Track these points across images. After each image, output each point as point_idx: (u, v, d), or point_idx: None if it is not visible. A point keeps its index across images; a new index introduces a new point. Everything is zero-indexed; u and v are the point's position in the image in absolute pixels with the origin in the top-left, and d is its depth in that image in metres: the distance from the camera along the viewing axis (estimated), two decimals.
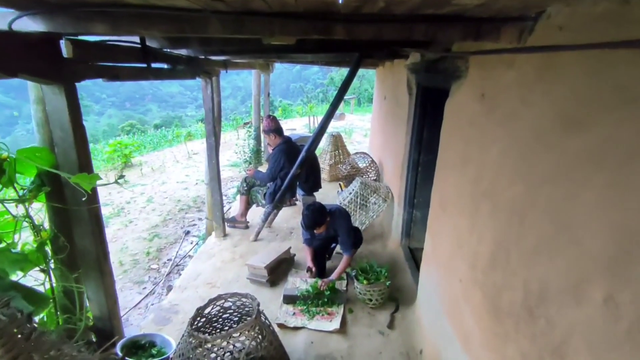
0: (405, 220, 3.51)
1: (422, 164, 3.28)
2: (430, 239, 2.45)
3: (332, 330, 2.53)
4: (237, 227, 4.21)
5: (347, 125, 12.73)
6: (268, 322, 2.08)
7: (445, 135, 2.23)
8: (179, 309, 2.88)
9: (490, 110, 1.63)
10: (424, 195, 3.33)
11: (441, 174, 2.29)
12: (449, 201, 2.11)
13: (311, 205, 2.84)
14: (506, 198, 1.46)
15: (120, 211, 6.03)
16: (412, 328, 2.57)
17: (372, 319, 2.68)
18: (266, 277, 3.08)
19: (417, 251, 3.50)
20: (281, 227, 4.32)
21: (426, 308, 2.47)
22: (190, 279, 3.30)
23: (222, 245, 3.89)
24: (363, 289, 2.74)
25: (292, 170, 3.66)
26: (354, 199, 3.90)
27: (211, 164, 3.76)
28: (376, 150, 5.74)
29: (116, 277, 4.34)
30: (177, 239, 5.28)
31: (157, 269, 4.55)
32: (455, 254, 1.98)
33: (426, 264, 2.52)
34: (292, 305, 2.82)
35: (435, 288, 2.27)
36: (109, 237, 5.19)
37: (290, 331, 2.56)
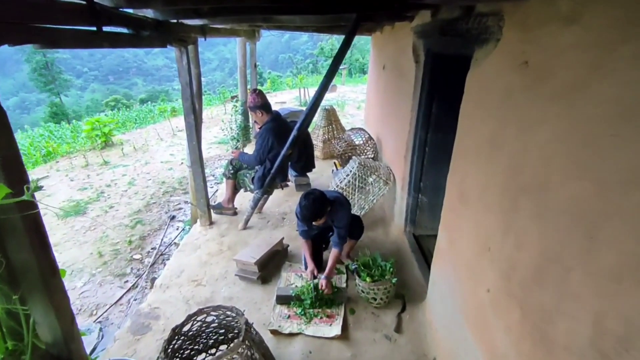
0: (409, 206, 3.18)
1: (430, 144, 2.91)
2: (445, 234, 2.12)
3: (332, 337, 2.24)
4: (225, 214, 3.85)
5: (339, 97, 12.19)
6: (258, 339, 1.77)
7: (467, 114, 1.85)
8: (159, 313, 2.55)
9: (537, 82, 1.25)
10: (432, 179, 2.99)
11: (461, 160, 1.93)
12: (471, 193, 1.76)
13: (310, 194, 2.47)
14: (563, 198, 1.10)
15: (100, 195, 5.61)
16: (422, 332, 2.28)
17: (376, 321, 2.39)
18: (257, 273, 2.76)
19: (423, 239, 3.20)
20: (272, 212, 3.97)
21: (440, 311, 2.18)
22: (173, 275, 2.97)
23: (207, 235, 3.54)
24: (366, 287, 2.44)
25: (283, 151, 3.27)
26: (351, 182, 3.54)
27: (192, 146, 3.34)
28: (373, 125, 5.33)
29: (95, 270, 4.03)
30: (162, 225, 4.92)
31: (141, 260, 4.21)
32: (480, 257, 1.65)
33: (440, 261, 2.20)
34: (287, 307, 2.51)
35: (452, 291, 1.96)
36: (87, 225, 4.83)
37: (284, 338, 2.27)
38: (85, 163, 6.86)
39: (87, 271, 3.94)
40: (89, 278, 3.86)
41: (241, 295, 2.68)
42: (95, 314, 3.44)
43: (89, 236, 4.55)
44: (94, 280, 3.84)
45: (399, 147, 3.39)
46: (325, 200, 2.48)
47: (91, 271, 3.95)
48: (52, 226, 4.76)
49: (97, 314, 3.45)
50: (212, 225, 3.69)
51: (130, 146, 7.84)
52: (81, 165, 6.82)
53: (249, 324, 1.74)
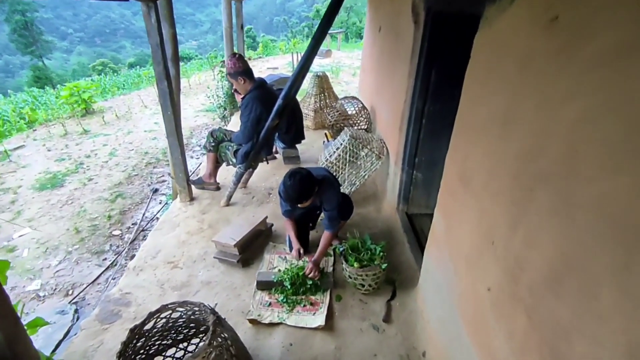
0: (403, 182, 2.95)
1: (428, 115, 2.64)
2: (441, 219, 1.90)
3: (316, 327, 2.07)
4: (207, 189, 3.61)
5: (333, 63, 11.65)
6: (231, 337, 1.58)
7: (473, 83, 1.58)
8: (131, 299, 2.37)
9: (568, 45, 0.97)
10: (428, 154, 2.75)
11: (463, 137, 1.67)
12: (475, 176, 1.53)
13: (296, 173, 2.21)
14: (592, 194, 0.87)
15: (79, 167, 5.32)
16: (413, 322, 2.13)
17: (364, 309, 2.23)
18: (237, 256, 2.56)
19: (416, 218, 3.00)
20: (258, 187, 3.74)
21: (433, 301, 2.01)
22: (148, 256, 2.77)
23: (187, 211, 3.31)
24: (354, 272, 2.25)
25: (268, 123, 2.98)
26: (342, 156, 3.29)
27: (167, 116, 3.04)
28: (367, 94, 5.00)
29: (72, 246, 3.81)
30: (144, 199, 4.68)
31: (120, 236, 4.01)
32: (482, 250, 1.44)
33: (434, 247, 2.00)
34: (268, 293, 2.33)
35: (448, 282, 1.78)
36: (64, 199, 4.58)
37: (264, 329, 2.10)
38: (64, 132, 6.49)
39: (63, 248, 3.74)
40: (64, 256, 3.66)
41: (220, 280, 2.49)
42: (71, 294, 3.27)
43: (65, 211, 4.31)
44: (70, 258, 3.64)
45: (394, 118, 3.12)
46: (313, 180, 2.24)
47: (67, 248, 3.74)
48: (27, 200, 4.51)
49: (72, 294, 3.27)
50: (193, 201, 3.46)
51: (112, 114, 7.44)
52: (59, 134, 6.46)
53: (219, 323, 1.55)
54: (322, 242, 2.45)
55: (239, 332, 2.06)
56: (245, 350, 1.75)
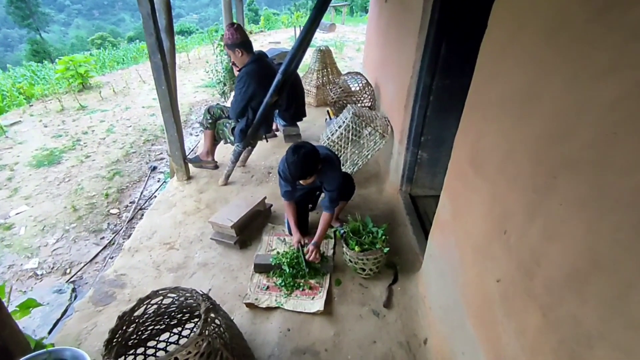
0: (407, 162, 2.83)
1: (436, 92, 2.48)
2: (448, 203, 1.79)
3: (314, 312, 2.01)
4: (205, 168, 3.51)
5: (337, 38, 11.26)
6: (225, 324, 1.51)
7: (490, 55, 1.43)
8: (126, 280, 2.31)
9: (611, 6, 0.83)
10: (435, 132, 2.61)
11: (476, 115, 1.53)
12: (488, 158, 1.40)
13: (300, 147, 2.07)
14: (632, 187, 0.75)
15: (76, 144, 5.20)
16: (414, 307, 2.06)
17: (364, 294, 2.16)
18: (234, 237, 2.48)
19: (420, 200, 2.90)
20: (258, 166, 3.63)
21: (436, 287, 1.93)
22: (143, 237, 2.70)
23: (185, 191, 3.22)
24: (354, 256, 2.17)
25: (266, 99, 2.84)
26: (344, 134, 3.15)
27: (161, 91, 2.90)
28: (372, 69, 4.79)
29: (69, 225, 3.76)
30: (142, 177, 4.59)
31: (118, 214, 3.94)
32: (492, 239, 1.34)
33: (439, 232, 1.90)
34: (266, 276, 2.26)
35: (453, 270, 1.69)
36: (61, 176, 4.50)
37: (261, 313, 2.04)
38: (61, 107, 6.34)
39: (61, 226, 3.68)
40: (62, 234, 3.61)
41: (217, 262, 2.42)
42: (69, 273, 3.23)
43: (62, 188, 4.24)
44: (68, 236, 3.59)
45: (399, 95, 2.95)
46: (318, 156, 2.11)
47: (65, 227, 3.69)
48: (23, 177, 4.43)
49: (70, 272, 3.24)
50: (190, 180, 3.36)
51: (110, 89, 7.25)
52: (56, 109, 6.31)
53: (212, 309, 1.47)
54: (322, 223, 2.35)
55: (236, 316, 2.01)
56: (240, 336, 1.69)
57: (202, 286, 2.24)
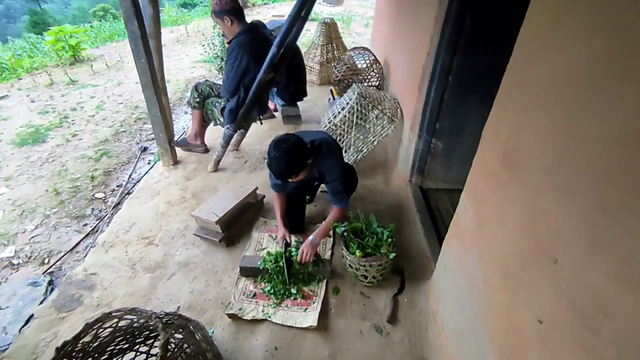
0: (419, 151, 2.49)
1: (456, 72, 2.12)
2: (470, 207, 1.47)
3: (307, 327, 1.73)
4: (195, 152, 3.20)
5: (345, 12, 10.65)
6: (195, 350, 1.24)
7: (537, 25, 1.06)
8: (96, 281, 2.05)
9: None
10: (452, 119, 2.26)
11: (513, 101, 1.19)
12: (528, 159, 1.07)
13: (282, 141, 1.76)
14: None
15: (63, 121, 4.89)
16: (423, 324, 1.77)
17: (366, 305, 1.88)
18: (220, 234, 2.19)
19: (432, 194, 2.57)
20: (252, 150, 3.30)
21: (449, 303, 1.63)
22: (120, 230, 2.43)
23: (170, 177, 2.92)
24: (355, 261, 1.87)
25: (260, 75, 2.49)
26: (347, 117, 2.80)
27: (140, 64, 2.55)
28: (381, 44, 4.37)
29: (50, 210, 3.47)
30: (131, 158, 4.29)
31: (104, 199, 3.66)
32: (530, 264, 1.02)
33: (457, 239, 1.59)
34: (253, 281, 1.98)
35: (474, 288, 1.39)
36: (45, 156, 4.22)
37: (246, 326, 1.77)
38: (50, 81, 5.99)
39: (40, 211, 3.42)
40: (41, 220, 3.35)
41: (200, 261, 2.15)
42: (48, 263, 2.99)
43: (45, 169, 3.95)
44: (48, 222, 3.33)
45: (413, 74, 2.58)
46: (304, 150, 1.80)
47: (45, 211, 3.42)
48: (5, 156, 4.15)
49: (49, 262, 2.99)
50: (177, 165, 3.06)
51: (103, 62, 6.87)
52: (45, 84, 5.97)
53: (180, 336, 1.19)
54: (328, 218, 2.06)
55: (216, 329, 1.74)
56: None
57: (181, 290, 1.97)
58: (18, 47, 11.39)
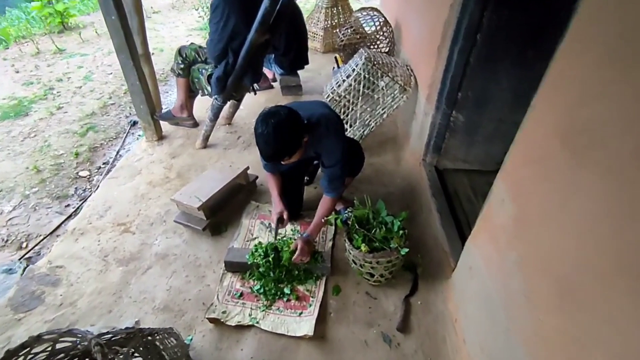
0: (436, 126, 2.13)
1: (487, 29, 1.73)
2: (508, 198, 1.13)
3: (301, 336, 1.45)
4: (183, 125, 2.87)
5: None
6: None
7: None
8: (61, 275, 1.78)
9: None
10: (478, 87, 1.90)
11: (588, 52, 0.83)
12: (613, 133, 0.73)
13: (271, 115, 1.42)
14: None
15: (48, 92, 4.55)
16: (440, 333, 1.48)
17: (372, 309, 1.59)
18: (204, 222, 1.90)
19: (450, 175, 2.24)
20: (246, 124, 2.96)
21: (476, 314, 1.33)
22: (94, 215, 2.15)
23: (154, 154, 2.62)
24: (360, 257, 1.57)
25: (250, 35, 2.12)
26: (353, 86, 2.43)
27: (110, 22, 2.18)
28: (392, 4, 3.90)
29: (30, 189, 3.19)
30: (120, 133, 3.96)
31: (88, 177, 3.38)
32: (610, 284, 0.71)
33: (488, 236, 1.27)
34: (240, 277, 1.70)
35: (510, 303, 1.08)
36: (27, 130, 3.92)
37: (230, 332, 1.50)
38: (36, 50, 5.62)
39: (19, 191, 3.15)
40: (20, 200, 3.08)
41: (180, 253, 1.87)
42: (25, 247, 2.75)
43: (27, 145, 3.66)
44: (27, 203, 3.07)
45: (431, 34, 2.19)
46: (297, 126, 1.46)
47: (24, 191, 3.15)
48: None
49: (27, 247, 2.75)
50: (162, 140, 2.75)
51: (93, 30, 6.44)
52: (31, 53, 5.60)
53: None
54: (319, 210, 1.75)
55: (195, 335, 1.48)
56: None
57: (156, 287, 1.70)
58: (14, 18, 10.91)
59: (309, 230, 1.71)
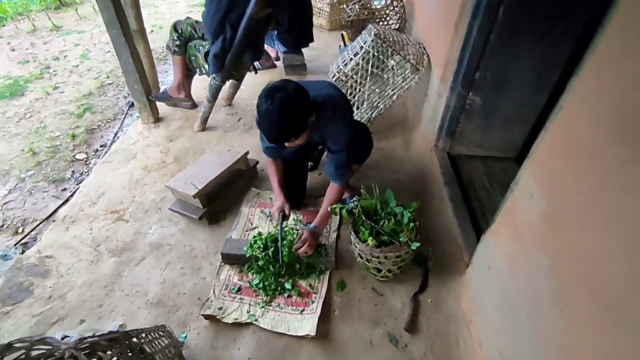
0: (450, 108, 1.97)
1: (511, 3, 1.55)
2: (538, 192, 0.99)
3: (302, 336, 1.36)
4: (181, 106, 2.73)
5: None
6: None
7: None
8: (51, 266, 1.69)
9: None
10: (497, 66, 1.75)
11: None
12: None
13: (277, 89, 1.28)
14: None
15: (44, 71, 4.41)
16: (452, 334, 1.38)
17: (378, 306, 1.48)
18: (200, 210, 1.78)
19: (463, 162, 2.10)
20: (247, 105, 2.81)
21: (494, 317, 1.22)
22: (86, 201, 2.04)
23: (150, 137, 2.49)
24: (367, 251, 1.45)
25: (250, 9, 1.95)
26: (361, 65, 2.26)
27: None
28: None
29: (26, 172, 3.10)
30: (118, 114, 3.84)
31: (85, 160, 3.27)
32: None
33: (511, 233, 1.14)
34: (239, 270, 1.60)
35: (537, 308, 0.96)
36: (22, 111, 3.80)
37: (227, 330, 1.40)
38: (32, 28, 5.44)
39: (15, 174, 3.06)
40: (16, 184, 2.99)
41: (175, 243, 1.76)
42: (22, 232, 2.68)
43: (22, 126, 3.55)
44: (23, 186, 2.98)
45: (448, 8, 2.01)
46: (306, 103, 1.32)
47: (20, 174, 3.06)
48: None
49: (23, 232, 2.68)
50: (159, 122, 2.61)
51: (90, 6, 6.22)
52: (27, 30, 5.42)
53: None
54: (327, 199, 1.62)
55: (190, 333, 1.39)
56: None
57: (150, 279, 1.60)
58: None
59: (316, 220, 1.59)
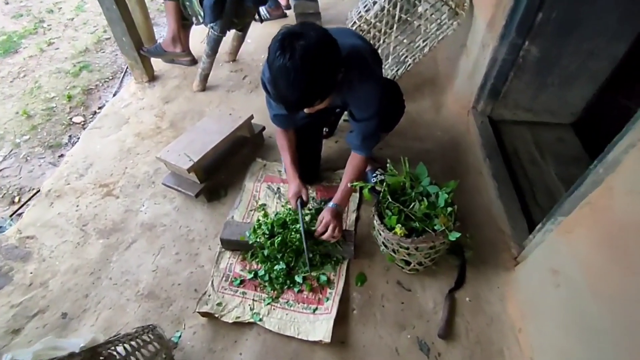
0: (498, 62, 1.60)
1: None
2: None
3: (315, 341, 1.14)
4: (178, 62, 2.41)
5: None
6: None
7: None
8: (33, 247, 1.50)
9: None
10: (568, 7, 1.34)
11: None
12: None
13: (296, 36, 0.91)
14: None
15: (38, 25, 4.09)
16: (496, 343, 1.13)
17: (405, 304, 1.24)
18: (197, 186, 1.53)
19: (507, 128, 1.75)
20: (254, 61, 2.47)
21: (559, 333, 0.96)
22: (72, 174, 1.82)
23: (144, 98, 2.21)
24: (394, 240, 1.19)
25: None
26: (387, 10, 1.86)
27: None
28: None
29: (21, 137, 2.90)
30: (117, 73, 3.54)
31: (83, 124, 3.02)
32: None
33: (592, 234, 0.85)
34: (242, 257, 1.37)
35: (635, 343, 0.69)
36: (16, 70, 3.54)
37: (227, 330, 1.19)
38: None
39: (10, 139, 2.85)
40: (11, 149, 2.80)
41: (170, 223, 1.54)
42: (18, 202, 2.52)
43: (16, 87, 3.30)
44: (18, 152, 2.78)
45: None
46: (334, 52, 0.98)
47: (15, 139, 2.86)
48: None
49: (19, 201, 2.52)
50: (154, 82, 2.31)
51: None
52: None
53: None
54: (348, 172, 1.33)
55: (185, 333, 1.19)
56: None
57: (141, 266, 1.40)
58: None
59: (335, 198, 1.32)
